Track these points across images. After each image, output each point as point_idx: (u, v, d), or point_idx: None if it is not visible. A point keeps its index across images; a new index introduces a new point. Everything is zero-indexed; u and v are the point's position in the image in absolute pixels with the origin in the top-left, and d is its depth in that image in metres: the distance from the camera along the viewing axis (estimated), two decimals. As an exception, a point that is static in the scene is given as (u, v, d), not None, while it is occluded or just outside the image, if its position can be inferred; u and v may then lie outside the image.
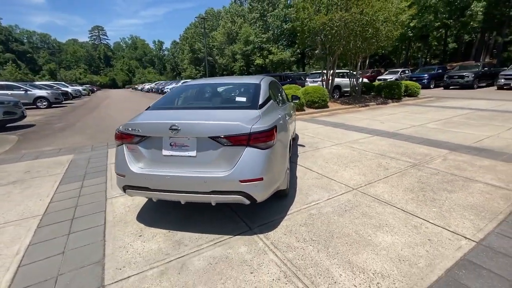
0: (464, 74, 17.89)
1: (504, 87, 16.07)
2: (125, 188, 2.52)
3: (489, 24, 23.54)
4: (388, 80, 17.65)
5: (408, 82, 13.65)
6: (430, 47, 34.72)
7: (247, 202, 2.29)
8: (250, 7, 44.61)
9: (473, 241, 2.25)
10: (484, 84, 18.35)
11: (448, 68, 23.23)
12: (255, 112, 2.53)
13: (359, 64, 12.42)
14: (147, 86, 46.55)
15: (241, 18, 44.46)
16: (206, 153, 2.28)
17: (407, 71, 23.85)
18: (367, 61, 12.90)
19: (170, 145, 2.35)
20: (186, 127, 2.26)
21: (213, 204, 2.39)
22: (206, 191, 2.26)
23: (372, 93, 13.72)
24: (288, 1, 36.10)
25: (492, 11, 22.93)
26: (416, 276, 1.88)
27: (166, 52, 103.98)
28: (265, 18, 38.38)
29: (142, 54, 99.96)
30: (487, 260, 2.01)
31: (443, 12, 23.80)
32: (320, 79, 14.01)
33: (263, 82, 3.30)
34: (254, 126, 2.26)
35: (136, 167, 2.42)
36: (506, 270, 1.90)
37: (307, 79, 17.10)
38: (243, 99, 2.94)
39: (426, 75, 20.45)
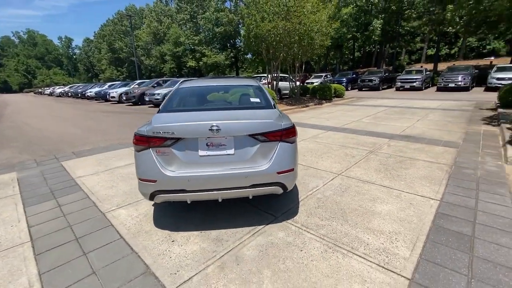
0: (372, 78, 21.88)
1: (400, 89, 20.36)
2: (154, 194, 2.41)
3: (384, 38, 29.35)
4: (315, 83, 20.08)
5: (335, 85, 15.88)
6: (342, 55, 40.69)
7: (281, 191, 2.55)
8: (178, 7, 43.04)
9: (437, 200, 3.08)
10: (385, 86, 22.79)
11: (359, 73, 27.84)
12: (274, 111, 2.79)
13: (297, 68, 13.79)
14: (58, 89, 39.43)
15: (168, 18, 42.38)
16: (243, 150, 2.43)
17: (329, 76, 27.44)
18: (303, 66, 14.41)
19: (207, 145, 2.40)
20: (226, 127, 2.36)
21: (250, 197, 2.55)
22: (246, 185, 2.41)
23: (308, 95, 15.38)
24: (219, 5, 36.50)
25: (386, 27, 28.66)
26: (416, 229, 2.51)
27: (77, 51, 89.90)
28: (195, 20, 37.73)
29: (44, 52, 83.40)
30: (451, 211, 2.82)
31: (352, 26, 28.41)
32: (263, 82, 14.88)
33: (260, 84, 3.57)
34: (283, 123, 2.53)
35: (169, 171, 2.37)
36: (465, 215, 2.73)
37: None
38: (257, 99, 3.15)
39: (344, 79, 24.02)
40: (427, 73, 21.24)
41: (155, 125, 2.40)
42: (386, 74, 23.12)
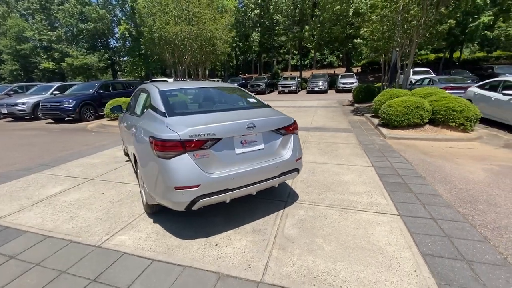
0: (259, 83, 24.91)
1: (282, 92, 24.23)
2: (196, 201, 2.28)
3: (262, 48, 33.87)
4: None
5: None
6: (227, 62, 43.60)
7: (296, 175, 2.98)
8: (15, -8, 32.85)
9: (371, 166, 4.37)
10: (269, 91, 26.50)
11: (246, 79, 30.86)
12: (272, 109, 3.16)
13: (200, 73, 14.00)
14: None
15: (3, 6, 31.42)
16: (270, 144, 2.69)
17: (220, 81, 28.90)
18: (207, 72, 14.77)
19: (241, 143, 2.50)
20: (258, 124, 2.54)
21: (276, 186, 2.82)
22: (276, 175, 2.69)
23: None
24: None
25: (261, 39, 33.13)
26: (377, 186, 3.58)
27: None
28: (48, 12, 29.95)
29: None
30: (383, 171, 4.12)
31: (235, 37, 31.13)
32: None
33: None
34: (292, 118, 2.97)
35: (211, 173, 2.31)
36: (391, 172, 4.07)
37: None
38: (253, 99, 3.36)
39: (235, 84, 26.09)
40: (298, 79, 26.32)
41: (192, 128, 2.27)
42: (269, 80, 26.86)
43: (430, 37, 9.47)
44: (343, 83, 22.53)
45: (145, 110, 3.14)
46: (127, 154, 5.03)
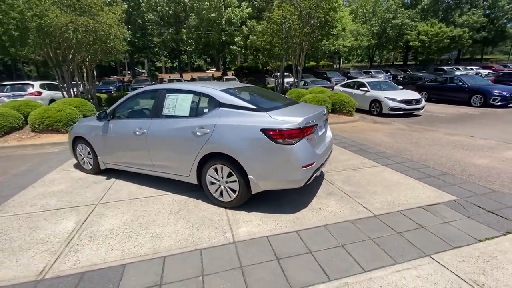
0: (142, 85, 22.84)
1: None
2: (312, 175, 2.83)
3: (135, 48, 30.55)
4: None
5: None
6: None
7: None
8: None
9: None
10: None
11: (122, 81, 27.08)
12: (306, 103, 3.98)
13: (89, 74, 11.63)
14: None
15: None
16: (325, 127, 3.54)
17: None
18: (94, 72, 12.35)
19: (319, 127, 3.21)
20: (325, 113, 3.32)
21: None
22: (331, 150, 3.58)
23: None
24: None
25: (133, 38, 29.92)
26: (352, 153, 5.16)
27: None
28: None
29: None
30: (343, 145, 5.83)
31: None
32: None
33: None
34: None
35: (316, 152, 2.92)
36: (348, 143, 5.85)
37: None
38: (288, 97, 3.93)
39: (111, 87, 22.49)
40: (183, 81, 26.12)
41: (304, 117, 2.79)
42: (153, 83, 24.98)
43: (313, 50, 12.69)
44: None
45: (205, 110, 3.15)
46: (98, 171, 4.23)
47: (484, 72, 24.26)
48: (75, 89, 10.85)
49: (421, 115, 9.90)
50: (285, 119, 2.78)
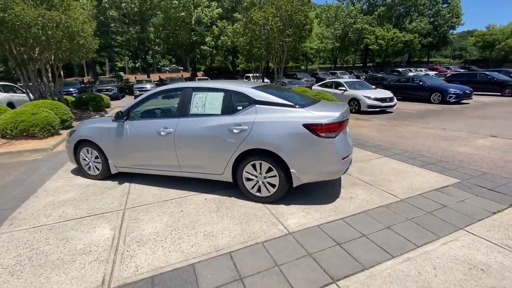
0: (110, 87, 21.29)
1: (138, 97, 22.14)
2: (348, 167, 3.05)
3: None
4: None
5: (102, 94, 14.18)
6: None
7: None
8: None
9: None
10: (123, 94, 23.36)
11: (84, 82, 24.92)
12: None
13: (56, 73, 10.61)
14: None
15: None
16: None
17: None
18: (61, 72, 11.28)
19: None
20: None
21: None
22: None
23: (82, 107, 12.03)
24: None
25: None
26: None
27: None
28: None
29: None
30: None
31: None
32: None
33: None
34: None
35: (350, 145, 3.14)
36: (344, 139, 6.24)
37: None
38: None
39: (72, 89, 20.62)
40: (155, 82, 24.92)
41: (340, 112, 2.96)
42: (120, 84, 23.46)
43: (293, 52, 13.10)
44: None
45: (239, 107, 3.17)
46: (106, 177, 4.01)
47: (431, 73, 27.35)
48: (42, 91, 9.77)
49: (393, 112, 10.86)
50: (324, 114, 2.94)
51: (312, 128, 2.84)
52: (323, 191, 3.46)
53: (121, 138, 3.68)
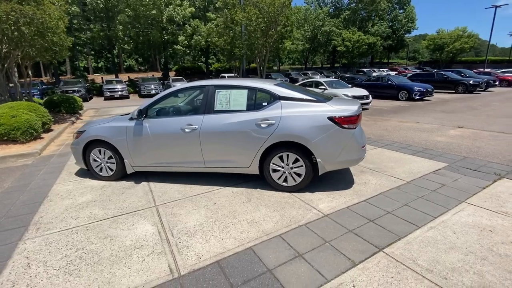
0: (76, 88, 19.81)
1: (109, 98, 20.92)
2: (365, 153, 3.40)
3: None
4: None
5: (74, 96, 13.22)
6: None
7: None
8: None
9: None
10: (91, 95, 21.87)
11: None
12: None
13: (25, 72, 9.76)
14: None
15: None
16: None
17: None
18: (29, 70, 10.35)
19: None
20: None
21: None
22: None
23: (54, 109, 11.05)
24: None
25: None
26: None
27: None
28: None
29: None
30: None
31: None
32: None
33: None
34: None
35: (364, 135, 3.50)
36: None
37: None
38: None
39: (34, 90, 18.82)
40: (125, 82, 23.70)
41: (358, 105, 3.30)
42: (87, 84, 21.94)
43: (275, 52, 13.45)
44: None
45: (263, 103, 3.37)
46: (120, 177, 3.96)
47: (392, 73, 29.81)
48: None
49: (369, 109, 11.75)
50: (344, 107, 3.26)
51: (336, 120, 3.14)
52: (339, 179, 3.79)
53: (140, 136, 3.66)
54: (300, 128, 3.18)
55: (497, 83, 20.15)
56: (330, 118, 3.14)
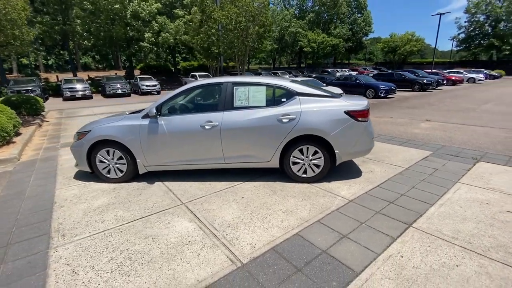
0: (31, 88, 17.77)
1: (69, 99, 19.13)
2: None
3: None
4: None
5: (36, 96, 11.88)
6: None
7: None
8: None
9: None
10: (47, 96, 19.77)
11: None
12: None
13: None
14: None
15: None
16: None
17: None
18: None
19: None
20: None
21: None
22: None
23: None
24: None
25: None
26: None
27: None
28: None
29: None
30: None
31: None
32: None
33: None
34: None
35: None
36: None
37: None
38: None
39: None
40: (87, 81, 21.85)
41: (367, 101, 3.62)
42: (42, 84, 19.76)
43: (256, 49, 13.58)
44: (146, 86, 22.44)
45: (282, 99, 3.53)
46: (130, 178, 3.82)
47: (353, 73, 32.03)
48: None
49: (344, 106, 12.55)
50: (356, 102, 3.56)
51: (352, 114, 3.43)
52: (347, 169, 4.11)
53: (155, 135, 3.56)
54: (319, 122, 3.40)
55: (444, 82, 22.84)
56: (347, 112, 3.42)
